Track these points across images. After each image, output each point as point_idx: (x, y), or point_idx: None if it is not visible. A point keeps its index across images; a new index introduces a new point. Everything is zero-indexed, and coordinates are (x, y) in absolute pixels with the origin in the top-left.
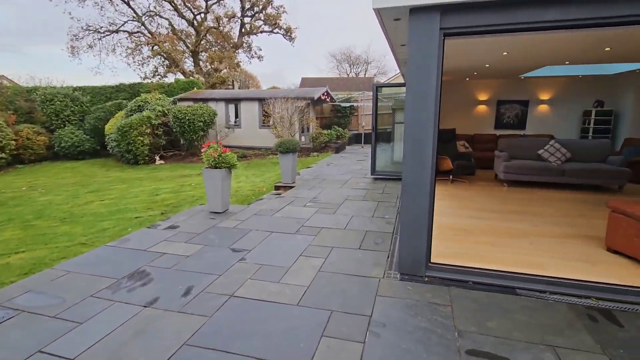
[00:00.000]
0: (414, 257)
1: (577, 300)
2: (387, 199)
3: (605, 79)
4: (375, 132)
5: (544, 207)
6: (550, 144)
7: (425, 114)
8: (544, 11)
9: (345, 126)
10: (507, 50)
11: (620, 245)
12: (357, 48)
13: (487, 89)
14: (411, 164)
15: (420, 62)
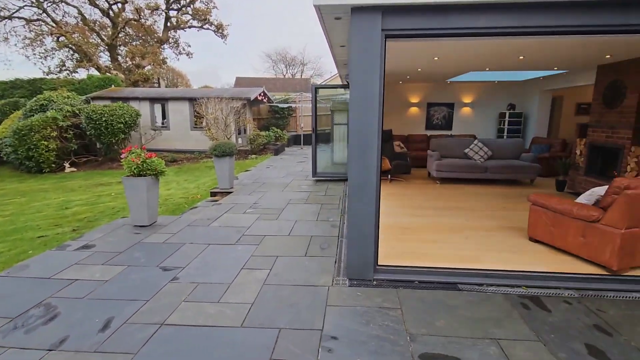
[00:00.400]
0: (362, 261)
1: (510, 290)
2: (330, 200)
3: (515, 85)
4: (315, 134)
5: (473, 201)
6: (475, 144)
7: (369, 115)
8: (475, 19)
9: (284, 127)
10: (437, 56)
11: (540, 234)
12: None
13: (418, 92)
14: (357, 167)
15: (363, 63)
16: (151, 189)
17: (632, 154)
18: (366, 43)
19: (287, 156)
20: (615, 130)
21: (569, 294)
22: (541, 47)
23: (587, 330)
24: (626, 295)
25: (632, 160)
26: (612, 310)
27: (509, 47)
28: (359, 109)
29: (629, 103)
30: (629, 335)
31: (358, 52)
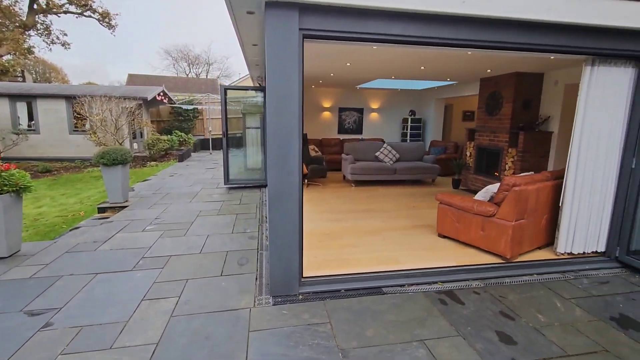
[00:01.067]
0: (287, 276)
1: (428, 287)
2: (246, 209)
3: (415, 93)
4: (226, 138)
5: (385, 202)
6: (384, 147)
7: (289, 119)
8: (392, 26)
9: (189, 131)
10: (350, 62)
11: (448, 230)
12: (196, 47)
13: (331, 97)
14: (277, 174)
15: (281, 64)
16: (10, 210)
17: (509, 154)
18: (283, 42)
19: (194, 162)
20: (496, 135)
21: (476, 284)
22: (438, 60)
23: (495, 317)
24: (519, 280)
25: (509, 160)
26: (511, 295)
27: (414, 57)
28: (277, 113)
29: (505, 111)
30: (527, 317)
31: (275, 51)
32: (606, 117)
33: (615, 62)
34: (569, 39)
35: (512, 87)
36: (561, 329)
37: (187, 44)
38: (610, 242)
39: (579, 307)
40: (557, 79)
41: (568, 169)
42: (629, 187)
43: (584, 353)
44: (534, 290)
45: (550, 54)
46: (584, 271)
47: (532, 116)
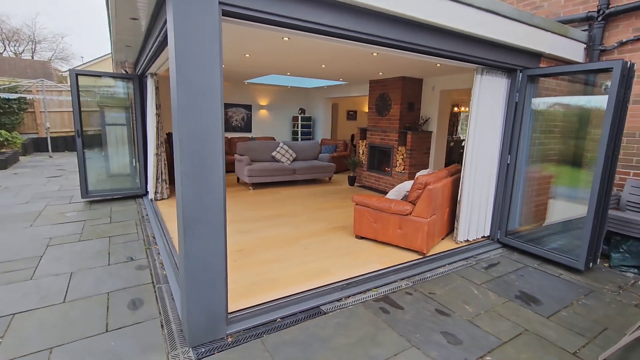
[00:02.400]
0: (210, 316)
1: (364, 296)
2: (122, 229)
3: (305, 91)
4: (81, 137)
5: (291, 205)
6: (280, 146)
7: (207, 118)
8: (320, 14)
9: (14, 128)
10: (250, 53)
11: (365, 231)
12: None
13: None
14: (193, 190)
15: (196, 45)
16: None
17: (399, 152)
18: (198, 16)
19: (27, 169)
20: (387, 134)
21: (405, 284)
22: (340, 59)
23: (433, 317)
24: (437, 273)
25: (399, 157)
26: (437, 290)
27: (318, 54)
28: (191, 109)
29: (394, 112)
30: (458, 310)
31: (186, 29)
32: (490, 120)
33: (495, 72)
34: (470, 49)
35: (399, 90)
36: (488, 316)
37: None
38: (493, 227)
39: (490, 291)
40: (434, 85)
41: (464, 167)
42: (506, 180)
43: (514, 337)
44: (452, 281)
45: (454, 61)
46: (479, 255)
47: (415, 117)
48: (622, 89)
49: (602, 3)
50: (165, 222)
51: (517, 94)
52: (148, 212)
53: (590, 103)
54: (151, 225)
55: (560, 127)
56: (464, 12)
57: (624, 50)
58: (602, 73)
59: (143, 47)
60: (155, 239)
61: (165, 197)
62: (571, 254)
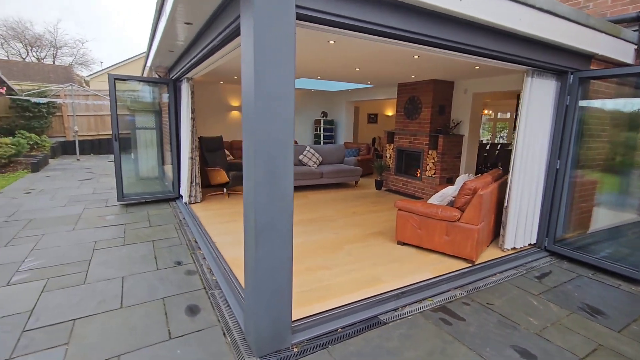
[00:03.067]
0: (276, 326)
1: (420, 306)
2: (163, 233)
3: (327, 95)
4: (118, 141)
5: (324, 210)
6: (307, 150)
7: (281, 126)
8: (389, 16)
9: (42, 131)
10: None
11: (409, 237)
12: (37, 24)
13: (239, 95)
14: (266, 196)
15: (273, 51)
16: None
17: (430, 156)
18: (276, 21)
19: (57, 172)
20: (417, 138)
21: (459, 293)
22: (375, 62)
23: (499, 330)
24: (489, 282)
25: (430, 161)
26: (495, 301)
27: (356, 57)
28: (266, 117)
29: (424, 116)
30: (523, 323)
31: (263, 33)
32: (538, 124)
33: (545, 74)
34: (525, 50)
35: (430, 92)
36: (555, 329)
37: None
38: (540, 234)
39: (550, 302)
40: (467, 88)
41: (513, 172)
42: (555, 185)
43: (590, 353)
44: (507, 291)
45: (507, 63)
46: (528, 264)
47: (445, 120)
48: None
49: None
50: (204, 227)
51: (568, 97)
52: (185, 215)
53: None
54: (190, 230)
55: (607, 131)
56: (524, 13)
57: None
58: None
59: (187, 51)
60: (198, 243)
61: (198, 200)
62: (625, 263)
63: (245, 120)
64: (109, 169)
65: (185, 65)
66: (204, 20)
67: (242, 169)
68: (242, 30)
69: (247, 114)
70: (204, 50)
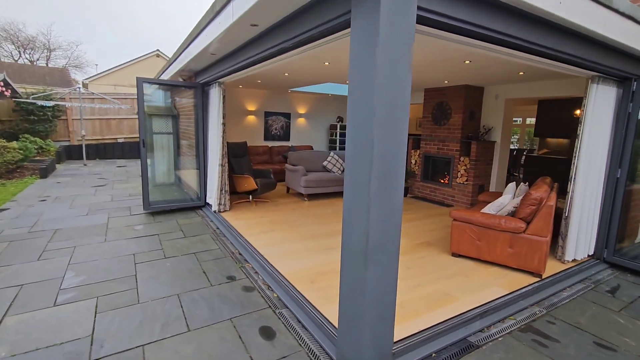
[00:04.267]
0: (378, 352)
1: (505, 326)
2: (201, 245)
3: (342, 99)
4: (145, 147)
5: None
6: (331, 156)
7: (397, 135)
8: (506, 23)
9: (47, 135)
10: (330, 61)
11: (465, 249)
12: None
13: (255, 99)
14: (381, 214)
15: (394, 53)
16: None
17: (462, 163)
18: (398, 22)
19: (67, 178)
20: (446, 144)
21: (537, 311)
22: (422, 66)
23: (600, 353)
24: (562, 297)
25: (461, 168)
26: (580, 319)
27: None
28: (385, 124)
29: (454, 121)
30: (619, 343)
31: (387, 34)
32: (600, 132)
33: (609, 81)
34: (601, 56)
35: (461, 98)
36: None
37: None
38: (598, 246)
39: (637, 320)
40: (498, 93)
41: (575, 180)
42: (615, 194)
43: None
44: (586, 307)
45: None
46: (592, 276)
47: (476, 126)
48: None
49: None
50: (245, 237)
51: (631, 104)
52: (217, 225)
53: None
54: (230, 240)
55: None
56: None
57: None
58: None
59: (231, 55)
60: (243, 256)
61: (227, 208)
62: None
63: (356, 130)
64: (120, 175)
65: (226, 70)
66: (271, 22)
67: (271, 175)
68: (356, 30)
69: (360, 123)
70: (263, 54)
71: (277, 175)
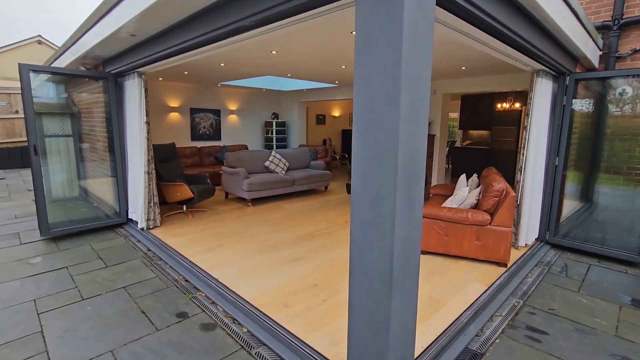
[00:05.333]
0: None
1: (495, 324)
2: (132, 274)
3: (279, 94)
4: (38, 155)
5: (311, 221)
6: (273, 155)
7: (421, 133)
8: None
9: None
10: (277, 49)
11: (434, 246)
12: None
13: (179, 94)
14: (406, 229)
15: (417, 39)
16: None
17: None
18: (419, 5)
19: None
20: None
21: (516, 302)
22: None
23: (585, 338)
24: (527, 283)
25: None
26: (552, 303)
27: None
28: (409, 117)
29: None
30: (596, 326)
31: (410, 18)
32: (542, 123)
33: (547, 75)
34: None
35: None
36: (627, 328)
37: None
38: (541, 229)
39: (595, 297)
40: (436, 89)
41: (525, 170)
42: (554, 181)
43: None
44: (552, 291)
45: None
46: (542, 259)
47: None
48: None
49: (617, 13)
50: (188, 258)
51: (565, 97)
52: (148, 245)
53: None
54: (168, 264)
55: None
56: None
57: (636, 57)
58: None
59: (161, 35)
60: (192, 282)
61: (158, 224)
62: (617, 247)
63: (372, 128)
64: (2, 188)
65: (150, 56)
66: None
67: (207, 180)
68: (364, 11)
69: (378, 119)
70: (208, 35)
71: (211, 179)
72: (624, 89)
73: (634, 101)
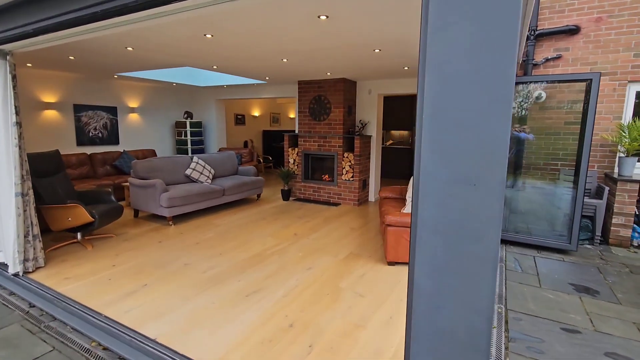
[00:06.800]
0: None
1: (494, 338)
2: (12, 351)
3: (192, 90)
4: None
5: (255, 239)
6: (195, 162)
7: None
8: None
9: None
10: (213, 33)
11: (402, 256)
12: None
13: (57, 87)
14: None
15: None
16: None
17: (346, 159)
18: None
19: None
20: (327, 140)
21: (499, 307)
22: (319, 52)
23: (571, 339)
24: (498, 282)
25: (346, 164)
26: (528, 304)
27: (307, 44)
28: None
29: (335, 117)
30: (578, 323)
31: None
32: None
33: None
34: None
35: (340, 92)
36: (599, 320)
37: None
38: None
39: (555, 290)
40: (370, 88)
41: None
42: None
43: None
44: (522, 291)
45: None
46: None
47: (353, 121)
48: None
49: (532, 25)
50: (101, 312)
51: None
52: (30, 299)
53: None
54: (69, 325)
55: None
56: None
57: (547, 65)
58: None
59: None
60: (115, 350)
61: (41, 264)
62: (547, 236)
63: (455, 131)
64: None
65: (24, 29)
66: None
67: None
68: None
69: (464, 120)
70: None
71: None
72: (540, 94)
73: (544, 104)
